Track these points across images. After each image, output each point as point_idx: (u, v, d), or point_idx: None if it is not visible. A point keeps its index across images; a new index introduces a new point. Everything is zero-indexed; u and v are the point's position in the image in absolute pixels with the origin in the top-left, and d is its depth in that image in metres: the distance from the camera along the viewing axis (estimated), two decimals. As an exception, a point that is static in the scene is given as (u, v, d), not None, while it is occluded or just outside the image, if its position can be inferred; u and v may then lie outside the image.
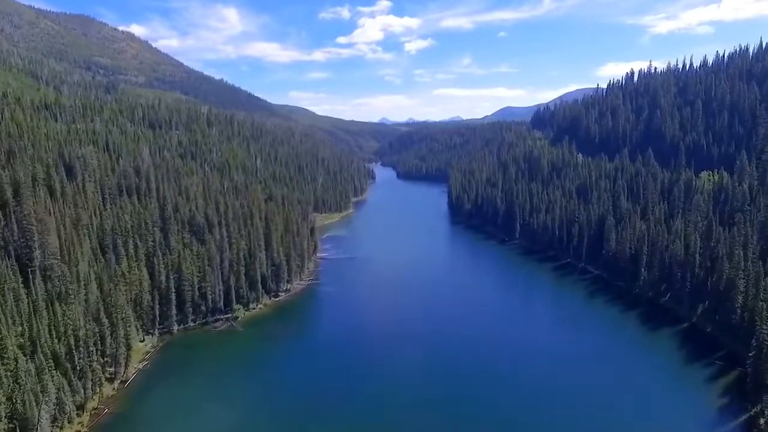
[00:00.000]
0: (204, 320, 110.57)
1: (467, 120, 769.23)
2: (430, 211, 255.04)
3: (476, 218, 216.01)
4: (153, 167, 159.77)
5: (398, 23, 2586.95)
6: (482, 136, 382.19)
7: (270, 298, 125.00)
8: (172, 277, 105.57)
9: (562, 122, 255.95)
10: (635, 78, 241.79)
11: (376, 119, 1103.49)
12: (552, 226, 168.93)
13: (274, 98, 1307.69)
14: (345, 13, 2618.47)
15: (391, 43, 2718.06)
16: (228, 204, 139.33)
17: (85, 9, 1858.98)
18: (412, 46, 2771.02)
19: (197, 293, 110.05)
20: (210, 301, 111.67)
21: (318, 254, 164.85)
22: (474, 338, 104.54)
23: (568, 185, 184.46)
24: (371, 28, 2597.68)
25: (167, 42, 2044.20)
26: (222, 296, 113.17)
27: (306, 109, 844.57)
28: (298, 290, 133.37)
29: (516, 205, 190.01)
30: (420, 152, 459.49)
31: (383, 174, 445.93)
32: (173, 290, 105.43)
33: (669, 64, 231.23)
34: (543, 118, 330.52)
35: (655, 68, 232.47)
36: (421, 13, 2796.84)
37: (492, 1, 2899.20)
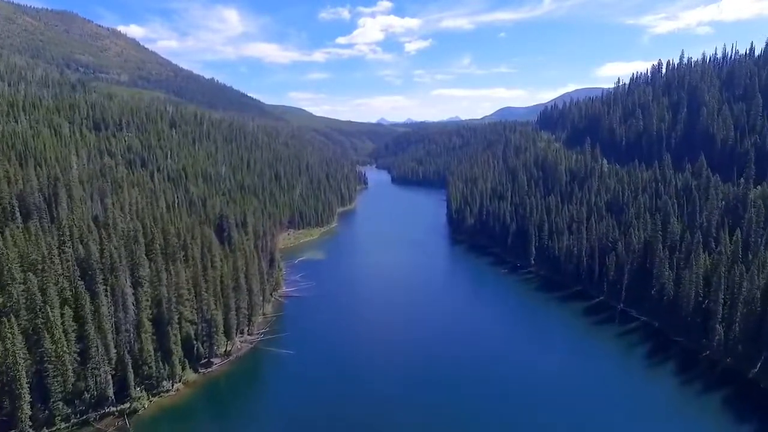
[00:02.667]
0: (83, 417, 71.74)
1: (466, 120, 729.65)
2: (426, 225, 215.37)
3: (481, 236, 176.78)
4: (83, 178, 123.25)
5: (399, 23, 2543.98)
6: (484, 137, 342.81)
7: (197, 371, 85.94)
8: (19, 355, 66.50)
9: (578, 122, 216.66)
10: (663, 70, 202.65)
11: (374, 120, 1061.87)
12: (579, 253, 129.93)
13: (273, 99, 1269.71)
14: (345, 13, 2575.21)
15: (391, 43, 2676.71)
16: (155, 232, 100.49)
17: (85, 9, 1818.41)
18: (412, 46, 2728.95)
19: (71, 376, 71.24)
20: (95, 386, 72.86)
21: (282, 291, 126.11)
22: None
23: (595, 199, 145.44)
24: (371, 29, 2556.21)
25: (167, 43, 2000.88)
26: (111, 378, 74.25)
27: (302, 110, 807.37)
28: (243, 352, 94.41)
29: (530, 224, 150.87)
30: (417, 154, 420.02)
31: (377, 178, 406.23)
32: (24, 375, 66.57)
33: (704, 53, 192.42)
34: (551, 117, 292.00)
35: (689, 59, 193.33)
36: (421, 13, 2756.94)
37: (492, 1, 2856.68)
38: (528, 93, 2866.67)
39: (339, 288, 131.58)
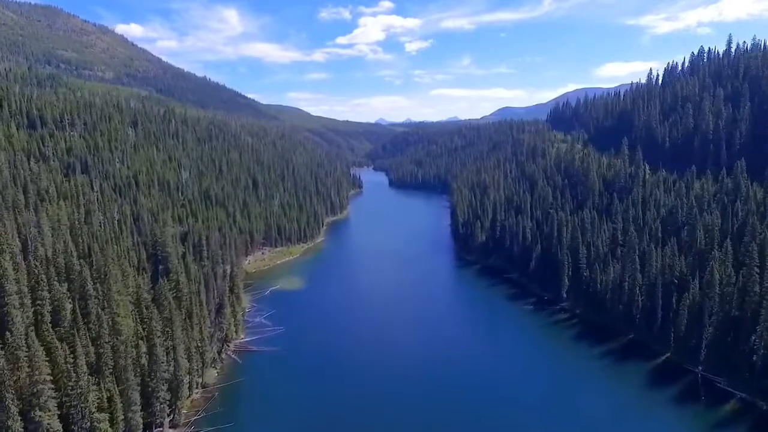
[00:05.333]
0: None
1: (465, 120, 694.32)
2: (428, 239, 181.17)
3: (495, 257, 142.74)
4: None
5: (400, 23, 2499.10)
6: (488, 137, 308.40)
7: None
8: None
9: (603, 120, 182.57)
10: (705, 58, 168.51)
11: (373, 120, 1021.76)
12: (631, 289, 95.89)
13: (272, 100, 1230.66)
14: (346, 13, 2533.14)
15: (391, 43, 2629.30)
16: (40, 275, 66.44)
17: (85, 9, 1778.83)
18: (413, 46, 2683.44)
19: None
20: None
21: (239, 341, 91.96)
22: None
23: (643, 217, 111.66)
24: (372, 29, 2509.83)
25: (167, 43, 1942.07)
26: None
27: (299, 109, 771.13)
28: (154, 464, 60.43)
29: (560, 246, 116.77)
30: (416, 156, 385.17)
31: (374, 180, 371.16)
32: None
33: (755, 37, 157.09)
34: (562, 115, 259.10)
35: (740, 44, 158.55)
36: (422, 13, 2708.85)
37: (492, 2, 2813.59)
38: (527, 93, 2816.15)
39: (315, 334, 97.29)
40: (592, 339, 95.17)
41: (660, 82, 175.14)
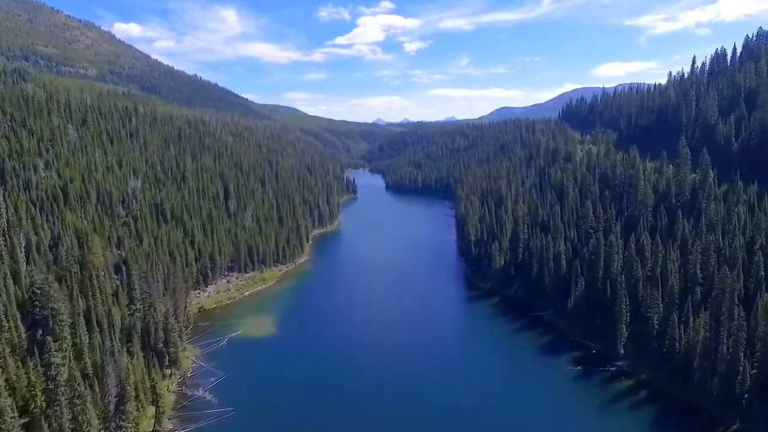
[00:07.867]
0: None
1: (463, 120, 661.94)
2: (431, 257, 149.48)
3: (518, 286, 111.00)
4: None
5: (399, 24, 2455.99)
6: (493, 137, 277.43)
7: None
8: None
9: (638, 118, 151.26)
10: (766, 41, 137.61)
11: (371, 120, 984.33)
12: (732, 356, 64.81)
13: (270, 100, 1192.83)
14: (345, 14, 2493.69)
15: (391, 43, 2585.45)
16: None
17: (83, 9, 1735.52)
18: (412, 47, 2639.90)
19: None
20: None
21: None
22: None
23: (729, 244, 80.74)
24: (371, 29, 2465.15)
25: (165, 43, 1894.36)
26: None
27: (295, 109, 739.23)
28: None
29: (611, 282, 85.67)
30: (415, 157, 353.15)
31: (370, 184, 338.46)
32: None
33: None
34: (577, 113, 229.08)
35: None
36: (421, 13, 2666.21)
37: (491, 2, 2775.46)
38: (525, 93, 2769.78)
39: (279, 420, 65.91)
40: (677, 425, 63.93)
41: (707, 71, 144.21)
